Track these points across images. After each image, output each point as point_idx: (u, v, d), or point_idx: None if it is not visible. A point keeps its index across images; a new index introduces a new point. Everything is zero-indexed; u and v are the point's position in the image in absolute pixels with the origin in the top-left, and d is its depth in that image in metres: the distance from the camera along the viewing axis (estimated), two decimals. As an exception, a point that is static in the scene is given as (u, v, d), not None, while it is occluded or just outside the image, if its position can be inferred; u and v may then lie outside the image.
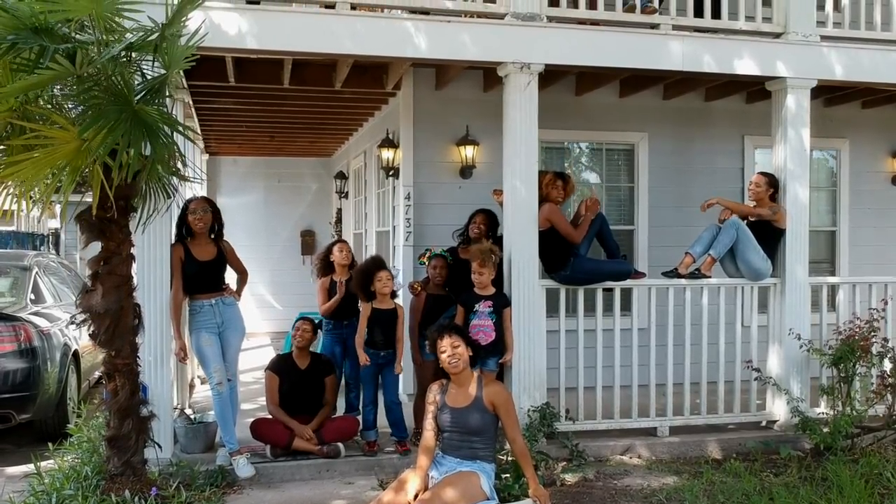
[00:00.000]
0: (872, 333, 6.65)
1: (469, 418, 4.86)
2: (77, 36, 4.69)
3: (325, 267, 7.00)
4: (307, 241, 14.78)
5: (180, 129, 4.77)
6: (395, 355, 6.40)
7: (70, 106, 4.82)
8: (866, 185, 9.38)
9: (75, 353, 7.67)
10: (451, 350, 4.89)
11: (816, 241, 8.20)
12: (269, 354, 12.10)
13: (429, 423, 5.04)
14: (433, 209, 8.09)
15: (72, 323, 7.67)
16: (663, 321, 6.92)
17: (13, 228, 23.92)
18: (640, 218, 8.73)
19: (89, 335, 4.87)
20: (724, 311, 7.02)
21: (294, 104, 8.99)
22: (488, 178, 7.87)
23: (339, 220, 13.92)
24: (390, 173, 8.53)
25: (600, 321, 6.76)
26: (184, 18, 4.90)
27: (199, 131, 10.48)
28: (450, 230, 7.32)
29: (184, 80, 7.19)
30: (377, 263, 6.48)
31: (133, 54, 4.77)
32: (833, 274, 9.25)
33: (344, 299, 6.82)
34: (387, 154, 8.47)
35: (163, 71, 4.76)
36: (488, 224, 6.87)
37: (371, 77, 7.83)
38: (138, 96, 4.67)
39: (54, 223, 25.35)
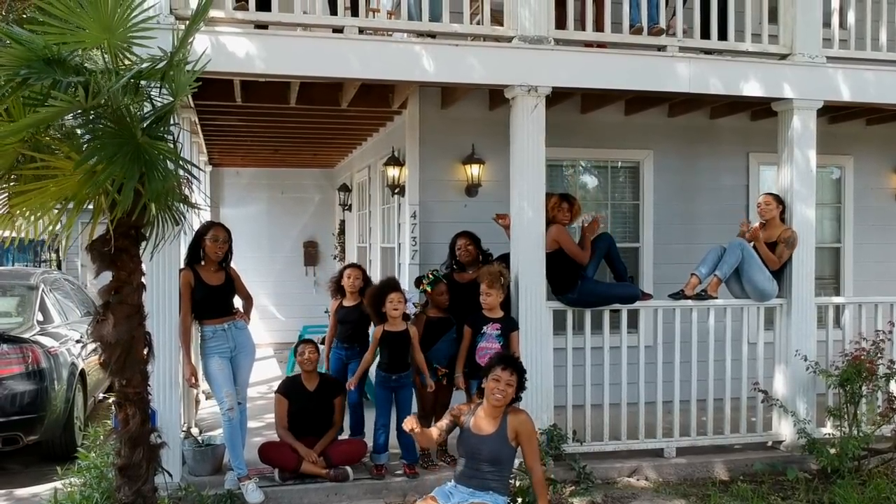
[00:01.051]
0: (878, 355, 6.67)
1: (487, 447, 4.86)
2: (87, 65, 4.70)
3: (338, 290, 7.00)
4: (310, 252, 14.80)
5: (183, 163, 4.76)
6: (410, 377, 6.42)
7: (80, 132, 4.81)
8: (871, 202, 9.40)
9: (82, 372, 7.69)
10: (504, 385, 4.86)
11: (821, 257, 8.23)
12: (272, 367, 12.13)
13: (442, 423, 5.12)
14: (439, 227, 8.09)
15: (79, 343, 7.80)
16: (670, 338, 6.94)
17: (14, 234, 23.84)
18: (645, 235, 8.74)
19: (100, 364, 4.87)
20: (731, 328, 7.03)
21: (299, 121, 9.01)
22: (494, 197, 7.89)
23: (342, 232, 13.95)
24: (396, 191, 8.54)
25: (607, 339, 6.77)
26: (189, 40, 4.92)
27: (203, 147, 10.49)
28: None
29: (190, 99, 7.21)
30: (390, 285, 6.46)
31: (142, 82, 4.79)
32: (838, 290, 9.27)
33: (352, 324, 6.83)
34: (392, 172, 8.48)
35: (170, 98, 4.78)
36: (474, 244, 6.89)
37: (377, 96, 7.84)
38: (145, 123, 4.69)
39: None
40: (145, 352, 4.94)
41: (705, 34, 6.91)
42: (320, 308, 12.07)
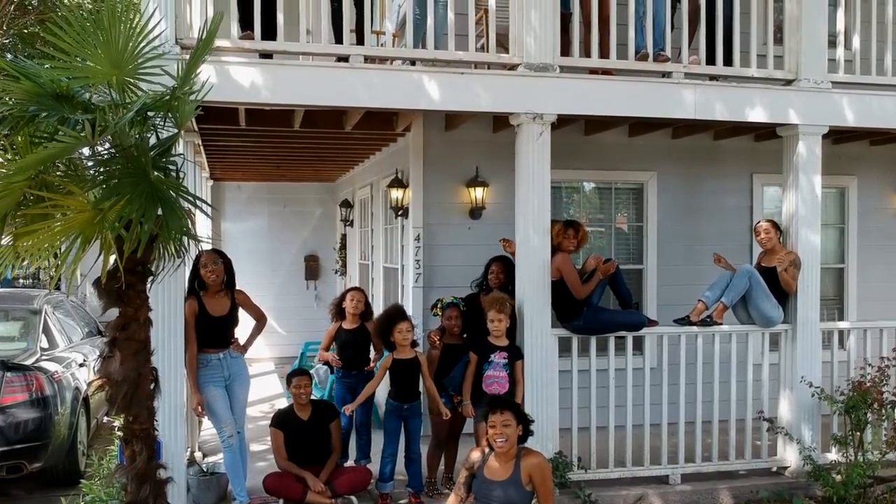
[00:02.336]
0: (884, 382, 6.67)
1: (502, 494, 4.79)
2: (95, 97, 4.69)
3: (339, 313, 7.00)
4: (311, 265, 14.77)
5: (194, 199, 4.76)
6: (419, 406, 6.41)
7: (88, 166, 4.79)
8: (875, 222, 9.38)
9: (85, 396, 7.67)
10: (500, 427, 4.78)
11: (825, 277, 8.17)
12: (274, 383, 12.10)
13: (457, 489, 5.00)
14: (443, 250, 8.10)
15: (82, 366, 7.78)
16: (675, 360, 6.90)
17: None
18: (648, 257, 8.73)
19: (106, 400, 4.85)
20: (736, 349, 7.02)
21: (302, 142, 9.00)
22: (498, 219, 7.89)
23: (343, 247, 13.92)
24: (399, 213, 8.53)
25: (612, 361, 6.75)
26: (193, 75, 4.91)
27: (205, 164, 10.48)
28: (459, 271, 7.34)
29: (194, 123, 7.19)
30: (399, 313, 6.46)
31: (149, 112, 4.78)
32: (842, 311, 9.28)
33: (354, 348, 6.83)
34: (396, 194, 8.46)
35: (174, 129, 4.79)
36: (506, 273, 6.87)
37: (381, 120, 7.82)
38: (151, 153, 4.69)
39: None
40: (152, 387, 4.94)
41: (710, 59, 6.89)
42: (321, 322, 12.05)
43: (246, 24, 6.09)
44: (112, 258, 4.55)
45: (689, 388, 6.92)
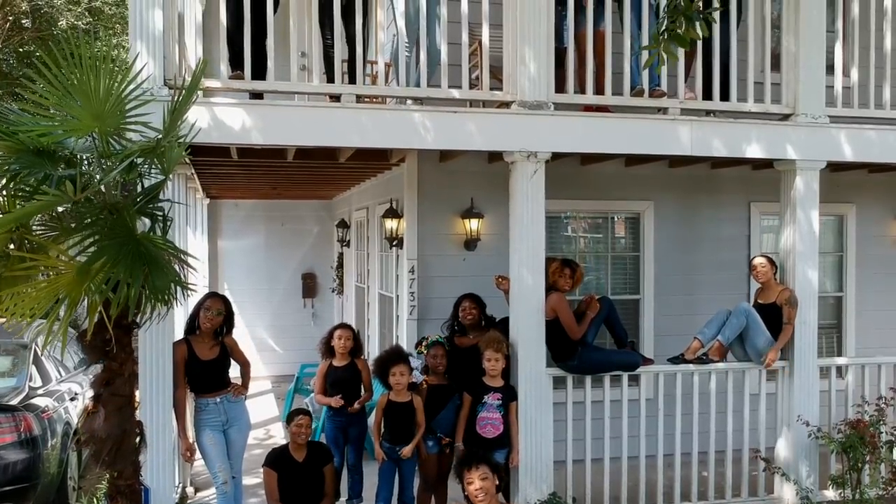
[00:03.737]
0: (882, 421, 6.61)
1: None
2: (80, 142, 4.63)
3: (328, 350, 6.91)
4: (308, 284, 14.67)
5: (180, 254, 4.71)
6: (415, 449, 6.32)
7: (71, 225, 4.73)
8: (873, 250, 9.30)
9: (76, 431, 7.59)
10: (479, 483, 4.78)
11: (823, 305, 8.09)
12: (269, 404, 12.03)
13: None
14: (438, 282, 8.02)
15: (73, 401, 7.72)
16: (671, 391, 6.84)
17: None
18: (645, 287, 8.64)
19: (91, 456, 4.80)
20: (733, 379, 6.97)
21: (296, 171, 8.94)
22: (493, 250, 7.83)
23: (340, 266, 13.86)
24: (394, 243, 8.46)
25: (608, 392, 6.70)
26: (178, 123, 4.87)
27: (200, 188, 10.43)
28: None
29: (185, 157, 7.12)
30: (394, 356, 6.33)
31: (136, 160, 4.72)
32: (840, 339, 9.21)
33: (345, 385, 6.76)
34: (391, 224, 8.40)
35: (161, 175, 4.75)
36: (478, 308, 6.80)
37: (375, 152, 7.72)
38: (137, 201, 4.65)
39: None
40: (137, 441, 4.89)
41: (707, 93, 6.81)
42: (318, 341, 12.03)
43: (236, 63, 6.03)
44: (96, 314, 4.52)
45: (685, 419, 6.87)
